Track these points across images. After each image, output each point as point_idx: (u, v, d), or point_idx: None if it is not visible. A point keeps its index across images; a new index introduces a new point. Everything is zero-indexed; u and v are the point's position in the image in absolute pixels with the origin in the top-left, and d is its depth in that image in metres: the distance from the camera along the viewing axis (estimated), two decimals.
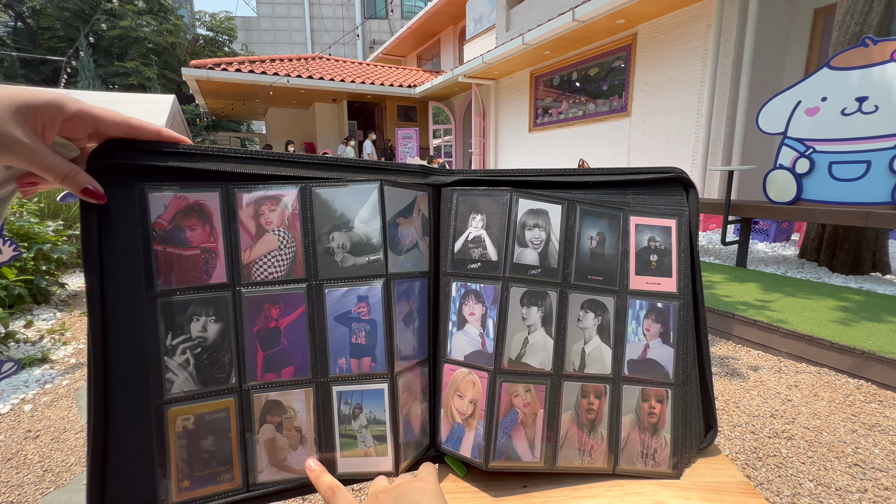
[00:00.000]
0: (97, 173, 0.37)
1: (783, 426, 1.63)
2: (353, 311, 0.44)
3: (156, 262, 0.39)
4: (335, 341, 0.44)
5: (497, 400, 0.47)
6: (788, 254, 4.12)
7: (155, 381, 0.39)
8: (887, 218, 2.70)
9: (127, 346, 0.39)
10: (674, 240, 0.52)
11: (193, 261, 0.41)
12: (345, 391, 0.44)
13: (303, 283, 0.43)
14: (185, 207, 0.40)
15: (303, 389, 0.43)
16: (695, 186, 0.54)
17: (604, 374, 0.50)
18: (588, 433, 0.49)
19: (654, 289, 0.52)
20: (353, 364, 0.44)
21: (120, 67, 15.37)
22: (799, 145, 3.17)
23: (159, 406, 0.39)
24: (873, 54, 2.80)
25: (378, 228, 0.45)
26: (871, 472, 1.37)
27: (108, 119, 0.37)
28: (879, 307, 2.51)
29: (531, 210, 0.49)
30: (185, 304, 0.40)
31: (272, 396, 0.42)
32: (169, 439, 0.39)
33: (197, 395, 0.40)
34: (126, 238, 0.39)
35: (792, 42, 5.14)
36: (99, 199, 0.37)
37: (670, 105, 5.79)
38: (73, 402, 1.91)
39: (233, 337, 0.42)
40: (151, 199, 0.39)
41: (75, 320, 2.94)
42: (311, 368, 0.43)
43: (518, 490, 0.48)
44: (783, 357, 2.22)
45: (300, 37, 30.94)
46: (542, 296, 0.48)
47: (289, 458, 0.43)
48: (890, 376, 1.85)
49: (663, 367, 0.51)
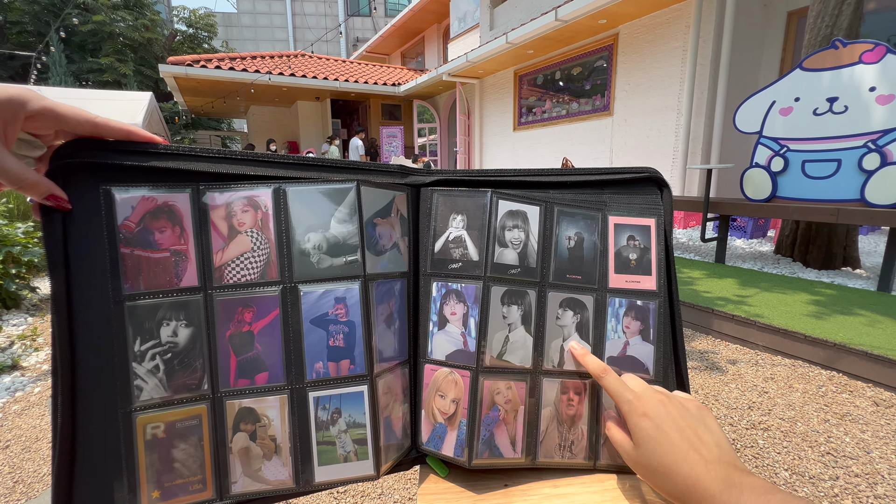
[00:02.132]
0: (61, 172, 0.36)
1: (760, 417, 1.67)
2: (330, 314, 0.43)
3: (123, 266, 0.38)
4: (311, 345, 0.43)
5: (480, 398, 0.47)
6: (765, 250, 4.24)
7: (122, 387, 0.38)
8: (857, 214, 2.79)
9: (95, 351, 0.37)
10: (653, 239, 0.53)
11: (163, 264, 0.39)
12: (322, 396, 0.43)
13: (277, 286, 0.42)
14: (154, 209, 0.39)
15: (277, 396, 0.42)
16: (668, 186, 0.55)
17: (584, 370, 0.50)
18: (568, 429, 0.50)
19: (634, 286, 0.52)
20: (330, 367, 0.43)
21: (94, 64, 14.89)
22: (774, 144, 3.26)
23: (127, 413, 0.38)
24: (843, 56, 2.89)
25: (355, 229, 0.44)
26: (843, 459, 1.42)
27: (71, 117, 0.35)
28: (850, 300, 2.60)
29: (510, 211, 0.49)
30: (155, 309, 0.39)
31: (246, 403, 0.41)
32: (138, 448, 0.38)
33: (167, 402, 0.39)
34: (92, 241, 0.37)
35: (767, 43, 5.29)
36: (63, 206, 0.36)
37: (651, 104, 5.90)
38: (45, 411, 1.84)
39: (204, 342, 0.40)
40: (118, 201, 0.38)
41: (47, 325, 2.84)
42: (286, 374, 0.42)
43: (499, 487, 0.48)
44: (760, 350, 2.28)
45: (282, 34, 30.47)
46: (521, 294, 0.49)
47: (263, 469, 0.42)
48: (860, 367, 1.92)
49: (643, 364, 0.51)
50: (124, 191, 0.38)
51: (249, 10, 29.98)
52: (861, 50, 2.81)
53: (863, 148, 2.83)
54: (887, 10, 4.52)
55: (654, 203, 0.54)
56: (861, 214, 2.78)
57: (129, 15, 15.73)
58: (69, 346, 0.36)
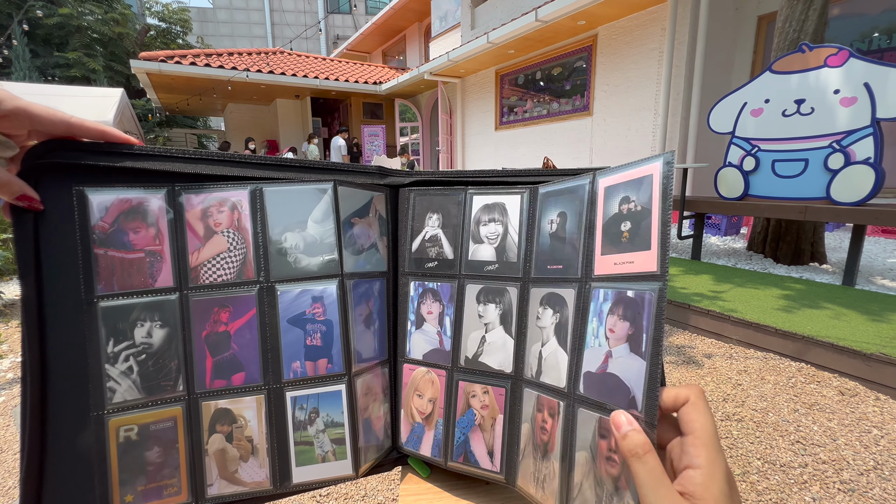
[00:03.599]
0: (33, 173, 0.35)
1: (734, 409, 1.73)
2: (307, 313, 0.43)
3: (96, 266, 0.38)
4: (289, 344, 0.42)
5: (454, 398, 0.47)
6: (738, 246, 4.38)
7: (95, 389, 0.37)
8: (823, 212, 2.91)
9: (66, 354, 0.37)
10: (655, 195, 0.36)
11: (137, 264, 0.39)
12: (300, 396, 0.42)
13: (254, 285, 0.42)
14: (129, 209, 0.39)
15: (254, 396, 0.41)
16: None
17: (558, 386, 0.41)
18: (541, 460, 0.41)
19: (625, 270, 0.37)
20: (308, 367, 0.43)
21: (60, 58, 14.29)
22: (746, 144, 3.37)
23: (99, 416, 0.37)
24: (809, 59, 3.01)
25: (332, 228, 0.44)
26: (811, 447, 1.48)
27: (45, 117, 0.35)
28: (817, 295, 2.71)
29: (487, 205, 0.48)
30: (128, 310, 0.38)
31: (222, 404, 0.41)
32: (110, 451, 0.37)
33: (141, 403, 0.39)
34: (64, 242, 0.37)
35: (739, 46, 5.45)
36: (35, 207, 0.35)
37: (629, 105, 6.01)
38: (10, 421, 1.76)
39: (180, 342, 0.40)
40: (92, 201, 0.37)
41: (12, 332, 2.72)
42: (263, 374, 0.42)
43: (480, 486, 0.49)
44: (734, 344, 2.36)
45: (260, 30, 29.88)
46: (499, 292, 0.47)
47: (239, 471, 0.41)
48: (826, 359, 2.00)
49: (628, 389, 0.34)
50: (98, 192, 0.38)
51: (226, 6, 29.29)
52: (826, 54, 2.93)
53: (828, 148, 2.95)
54: (850, 15, 4.73)
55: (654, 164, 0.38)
56: (827, 212, 2.90)
57: (97, 8, 15.15)
58: (39, 349, 0.36)
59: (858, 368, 1.89)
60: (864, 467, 1.37)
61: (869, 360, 1.86)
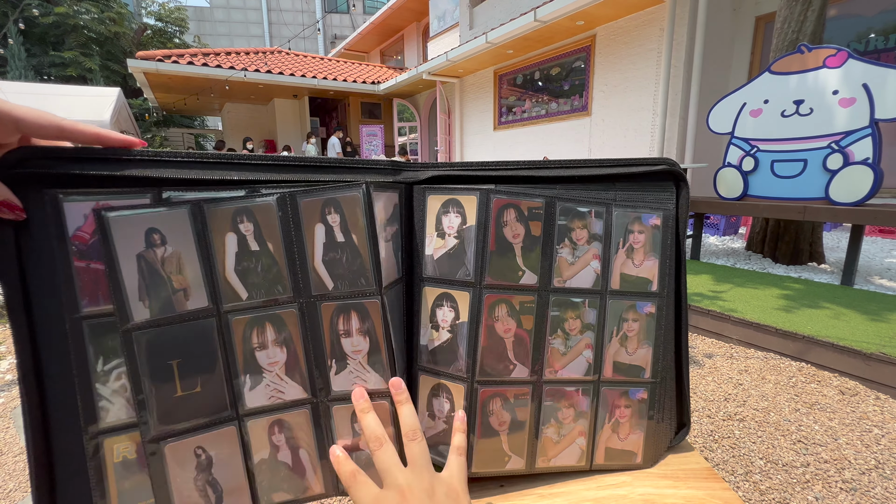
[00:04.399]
0: (9, 182, 0.33)
1: (735, 409, 1.74)
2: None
3: (79, 281, 0.35)
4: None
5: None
6: (737, 246, 4.39)
7: (86, 409, 0.35)
8: (821, 212, 2.93)
9: (58, 370, 0.35)
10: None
11: None
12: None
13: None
14: None
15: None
16: (686, 180, 0.51)
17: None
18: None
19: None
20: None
21: (56, 57, 14.20)
22: (745, 145, 3.38)
23: (94, 436, 0.36)
24: (808, 60, 3.02)
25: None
26: (813, 447, 1.49)
27: (32, 121, 0.32)
28: (816, 294, 2.73)
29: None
30: (117, 326, 0.36)
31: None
32: (107, 471, 0.36)
33: (136, 423, 0.37)
34: (43, 253, 0.34)
35: (737, 47, 5.47)
36: (18, 215, 0.33)
37: (628, 105, 6.02)
38: (10, 423, 1.75)
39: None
40: (67, 210, 0.34)
41: (10, 333, 2.70)
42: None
43: (495, 489, 0.49)
44: (734, 344, 2.37)
45: (257, 29, 29.78)
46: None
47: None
48: (827, 358, 2.01)
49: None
50: (73, 199, 0.34)
51: (223, 5, 29.19)
52: (825, 55, 2.94)
53: (827, 149, 2.96)
54: (846, 17, 4.75)
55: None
56: (826, 212, 2.91)
57: (94, 7, 15.06)
58: (32, 361, 0.34)
59: (858, 368, 1.90)
60: (866, 466, 1.38)
61: (869, 359, 1.87)
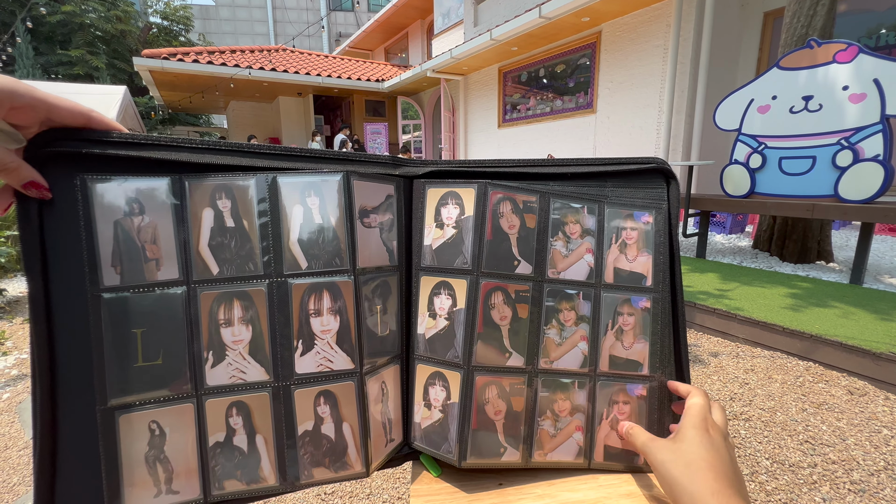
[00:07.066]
0: (36, 163, 0.34)
1: (741, 408, 1.71)
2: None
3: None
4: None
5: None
6: (743, 244, 4.35)
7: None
8: (830, 210, 2.88)
9: (76, 349, 0.36)
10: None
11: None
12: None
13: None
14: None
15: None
16: (675, 178, 0.53)
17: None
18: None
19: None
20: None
21: (63, 56, 14.32)
22: (752, 141, 3.34)
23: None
24: (818, 56, 2.97)
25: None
26: (820, 447, 1.47)
27: (64, 109, 0.34)
28: (824, 293, 2.69)
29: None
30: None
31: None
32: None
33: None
34: (68, 232, 0.36)
35: (745, 43, 5.41)
36: (44, 194, 0.35)
37: (633, 102, 5.97)
38: (15, 418, 1.76)
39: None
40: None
41: (16, 328, 2.73)
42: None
43: (493, 487, 0.48)
44: (740, 343, 2.34)
45: (262, 27, 29.86)
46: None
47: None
48: (835, 358, 1.98)
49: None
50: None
51: (228, 3, 29.29)
52: (835, 50, 2.89)
53: (836, 145, 2.91)
54: (858, 11, 4.68)
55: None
56: (835, 210, 2.87)
57: (100, 5, 15.17)
58: (47, 342, 0.35)
59: (867, 367, 1.87)
60: (875, 467, 1.35)
61: (878, 359, 1.84)
